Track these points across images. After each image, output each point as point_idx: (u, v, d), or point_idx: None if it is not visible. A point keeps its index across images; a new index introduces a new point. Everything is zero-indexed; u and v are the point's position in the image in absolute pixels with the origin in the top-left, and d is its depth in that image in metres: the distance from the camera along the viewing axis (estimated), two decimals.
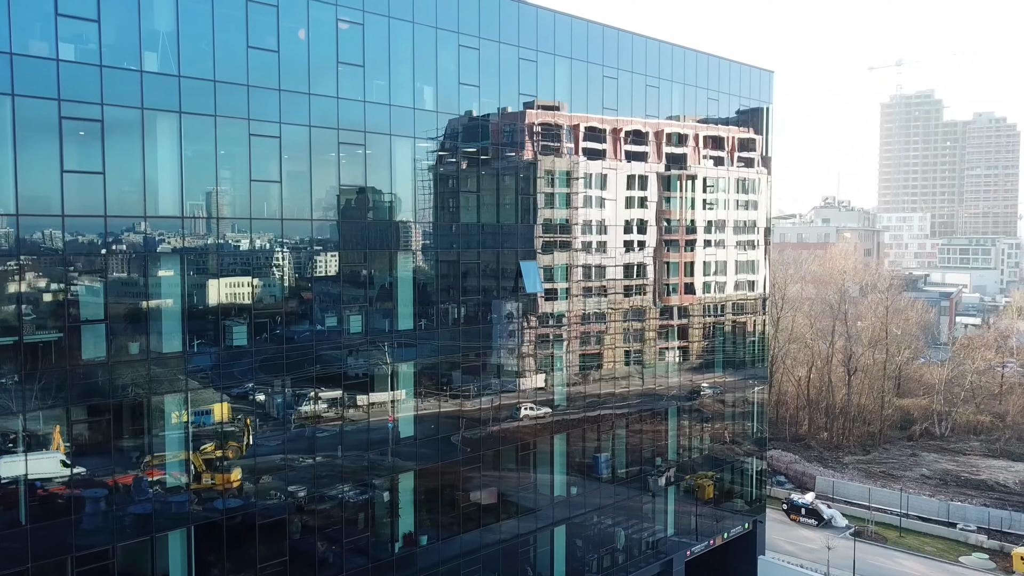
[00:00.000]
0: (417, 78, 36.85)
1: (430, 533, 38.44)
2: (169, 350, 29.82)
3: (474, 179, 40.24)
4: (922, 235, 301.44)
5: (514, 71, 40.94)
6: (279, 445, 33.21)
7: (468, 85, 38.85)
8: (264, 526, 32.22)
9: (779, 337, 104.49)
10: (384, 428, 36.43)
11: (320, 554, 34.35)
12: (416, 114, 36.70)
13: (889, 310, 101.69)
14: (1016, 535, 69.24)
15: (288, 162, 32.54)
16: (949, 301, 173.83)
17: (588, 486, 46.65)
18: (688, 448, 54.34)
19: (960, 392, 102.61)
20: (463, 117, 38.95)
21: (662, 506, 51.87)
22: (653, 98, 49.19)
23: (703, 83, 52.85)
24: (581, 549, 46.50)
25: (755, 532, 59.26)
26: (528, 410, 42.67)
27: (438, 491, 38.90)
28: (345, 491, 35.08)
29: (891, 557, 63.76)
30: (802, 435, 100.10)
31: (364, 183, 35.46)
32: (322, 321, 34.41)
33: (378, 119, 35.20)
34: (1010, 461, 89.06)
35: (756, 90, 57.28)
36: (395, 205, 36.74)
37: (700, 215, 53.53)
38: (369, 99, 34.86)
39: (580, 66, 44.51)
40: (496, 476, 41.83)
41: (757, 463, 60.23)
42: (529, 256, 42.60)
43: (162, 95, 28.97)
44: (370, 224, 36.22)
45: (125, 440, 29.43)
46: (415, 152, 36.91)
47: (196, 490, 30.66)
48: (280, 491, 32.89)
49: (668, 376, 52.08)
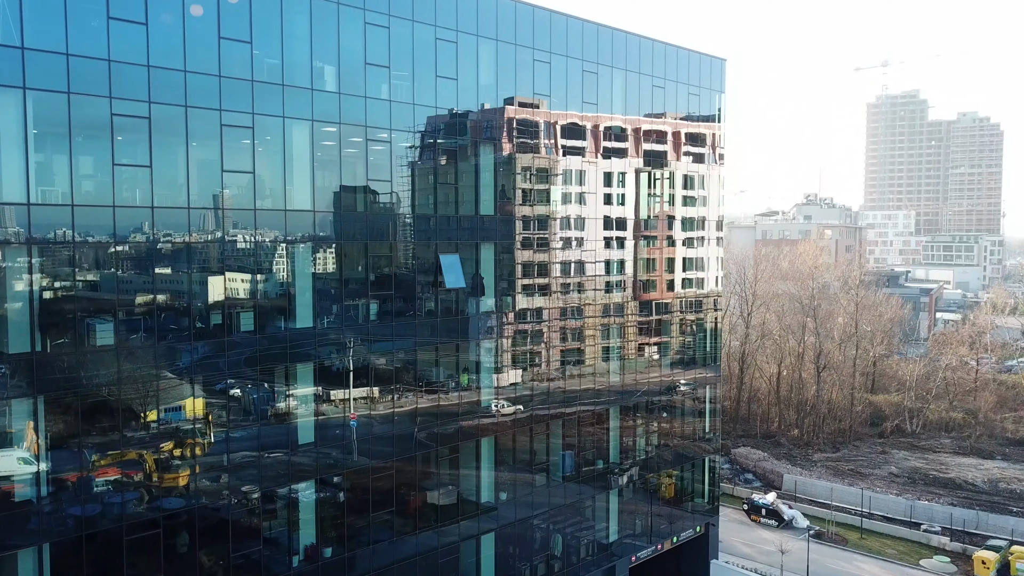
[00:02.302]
0: (316, 56, 33.32)
1: (336, 545, 34.98)
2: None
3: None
4: (907, 232, 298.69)
5: (430, 53, 37.36)
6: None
7: (376, 66, 35.29)
8: (133, 541, 28.77)
9: (751, 334, 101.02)
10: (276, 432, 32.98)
11: (207, 569, 30.91)
12: (315, 95, 33.21)
13: (860, 306, 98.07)
14: (982, 536, 65.67)
15: (159, 146, 29.05)
16: (929, 297, 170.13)
17: (520, 490, 43.17)
18: (633, 448, 50.85)
19: (932, 388, 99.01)
20: (369, 99, 35.34)
21: (604, 509, 48.43)
22: (591, 84, 45.62)
23: (647, 70, 49.25)
24: (513, 557, 43.02)
25: (707, 535, 55.77)
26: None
27: (348, 498, 35.42)
28: (234, 501, 31.65)
29: (850, 560, 60.23)
30: (773, 432, 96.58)
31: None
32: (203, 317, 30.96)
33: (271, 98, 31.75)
34: (980, 459, 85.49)
35: (707, 79, 53.68)
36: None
37: (641, 211, 49.96)
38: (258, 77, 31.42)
39: (507, 48, 40.95)
40: (422, 480, 38.38)
41: (710, 463, 56.73)
42: (451, 250, 39.12)
43: (7, 70, 25.54)
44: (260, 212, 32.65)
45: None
46: (313, 135, 33.41)
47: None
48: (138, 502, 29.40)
49: (609, 375, 48.58)
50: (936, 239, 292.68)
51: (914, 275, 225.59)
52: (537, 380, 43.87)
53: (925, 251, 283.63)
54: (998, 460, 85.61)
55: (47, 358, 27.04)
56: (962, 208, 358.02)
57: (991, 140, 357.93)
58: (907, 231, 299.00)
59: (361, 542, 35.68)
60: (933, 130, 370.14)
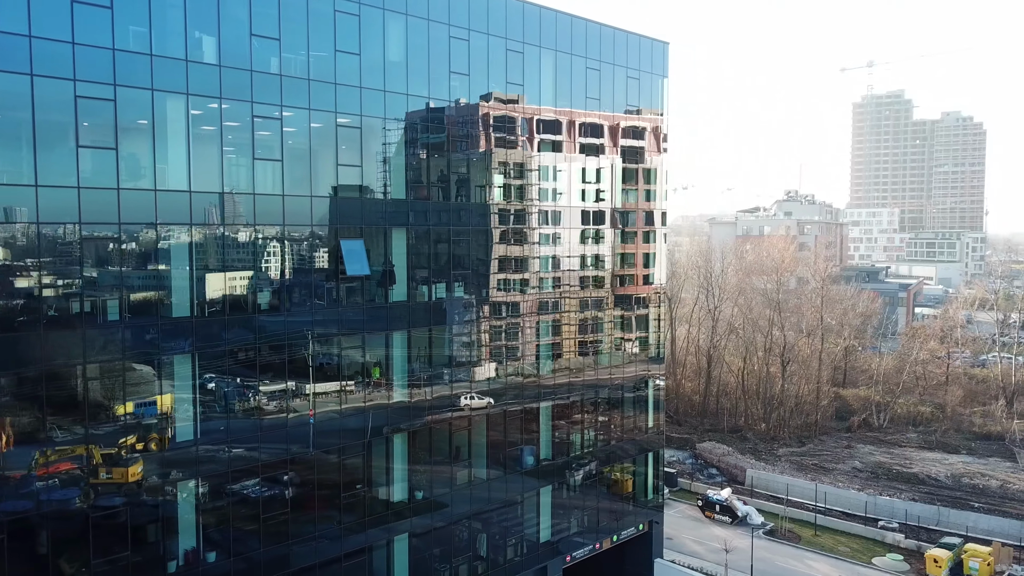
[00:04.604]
0: (191, 26, 30.28)
1: (221, 548, 31.99)
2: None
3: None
4: (891, 229, 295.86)
5: (329, 27, 34.29)
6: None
7: (263, 37, 32.21)
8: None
9: (718, 328, 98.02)
10: None
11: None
12: (190, 66, 30.17)
13: (825, 300, 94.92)
14: (941, 532, 62.65)
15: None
16: (907, 293, 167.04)
17: (438, 489, 40.14)
18: (568, 443, 47.82)
19: (900, 383, 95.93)
20: (255, 72, 32.25)
21: (535, 507, 45.41)
22: (516, 65, 42.54)
23: (580, 51, 46.16)
24: (432, 560, 39.99)
25: (651, 533, 52.75)
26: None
27: (231, 496, 32.43)
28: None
29: (801, 558, 57.15)
30: (740, 427, 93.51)
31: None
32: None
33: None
34: (945, 453, 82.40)
35: (648, 62, 50.57)
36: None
37: (570, 203, 46.85)
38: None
39: (419, 24, 37.86)
40: (326, 480, 35.38)
41: (654, 458, 53.68)
42: (354, 235, 36.08)
43: None
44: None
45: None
46: (188, 109, 30.36)
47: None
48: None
49: (539, 369, 45.53)
50: (920, 236, 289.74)
51: (897, 271, 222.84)
52: (459, 373, 40.84)
53: (909, 248, 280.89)
54: (963, 455, 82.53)
55: None
56: (946, 206, 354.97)
57: (974, 139, 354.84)
58: (892, 228, 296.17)
59: (251, 546, 32.68)
60: (917, 129, 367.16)
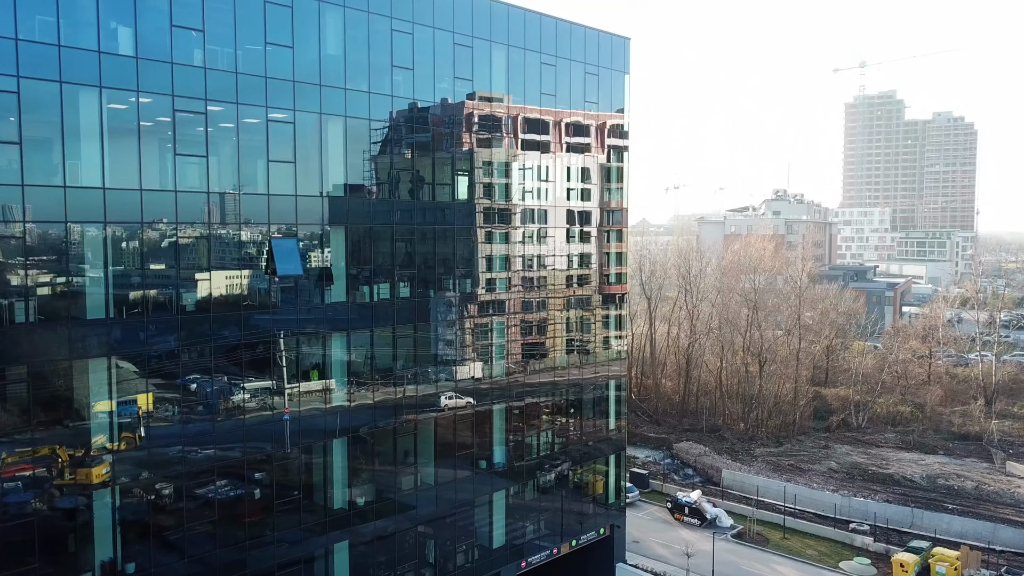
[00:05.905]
0: (109, 15, 28.74)
1: (141, 559, 30.45)
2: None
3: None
4: (883, 229, 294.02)
5: (259, 19, 32.71)
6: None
7: (185, 29, 30.62)
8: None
9: (697, 327, 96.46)
10: None
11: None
12: (103, 58, 28.62)
13: (803, 299, 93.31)
14: (912, 535, 61.02)
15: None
16: (894, 292, 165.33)
17: (383, 496, 38.58)
18: (524, 446, 46.27)
19: (879, 382, 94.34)
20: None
21: (488, 512, 43.89)
22: (464, 59, 40.96)
23: (535, 46, 44.58)
24: (374, 568, 38.42)
25: (612, 537, 51.19)
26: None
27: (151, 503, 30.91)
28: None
29: (767, 562, 55.56)
30: (719, 426, 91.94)
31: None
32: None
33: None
34: (922, 454, 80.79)
35: (608, 58, 48.99)
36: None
37: (523, 202, 45.27)
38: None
39: (358, 16, 36.28)
40: (263, 488, 33.86)
41: (615, 461, 52.11)
42: (288, 234, 34.53)
43: None
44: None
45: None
46: (102, 102, 28.79)
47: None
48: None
49: (495, 375, 43.97)
50: (910, 235, 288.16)
51: (887, 270, 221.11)
52: (407, 376, 39.27)
53: (900, 247, 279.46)
54: (940, 455, 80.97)
55: None
56: (937, 205, 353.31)
57: (965, 139, 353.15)
58: (883, 227, 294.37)
59: (171, 554, 31.15)
60: (909, 129, 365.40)
